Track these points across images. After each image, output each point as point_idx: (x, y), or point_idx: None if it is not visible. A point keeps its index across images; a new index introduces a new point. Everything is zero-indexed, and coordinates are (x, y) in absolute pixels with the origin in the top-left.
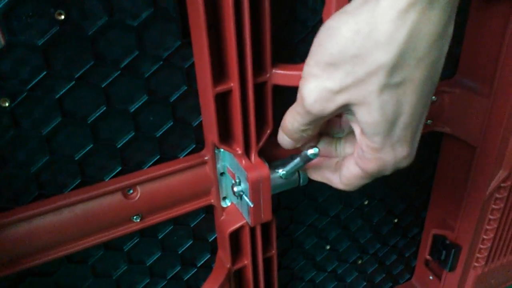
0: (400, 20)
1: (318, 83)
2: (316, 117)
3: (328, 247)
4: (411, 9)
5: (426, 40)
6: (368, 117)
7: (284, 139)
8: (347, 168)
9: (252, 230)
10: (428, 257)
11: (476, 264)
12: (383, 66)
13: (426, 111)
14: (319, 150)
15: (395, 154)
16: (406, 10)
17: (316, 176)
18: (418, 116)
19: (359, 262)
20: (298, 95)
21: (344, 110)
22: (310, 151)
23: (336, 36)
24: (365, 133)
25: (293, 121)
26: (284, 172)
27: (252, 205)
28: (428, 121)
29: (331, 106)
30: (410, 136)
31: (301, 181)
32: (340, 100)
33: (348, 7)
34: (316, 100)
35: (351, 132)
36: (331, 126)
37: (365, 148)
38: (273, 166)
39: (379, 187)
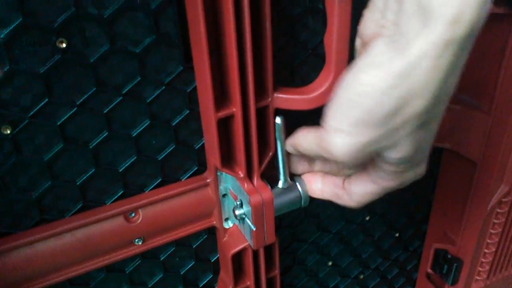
0: (435, 67)
1: (347, 138)
2: (344, 164)
3: (330, 263)
4: (445, 55)
5: (453, 77)
6: (396, 154)
7: (288, 147)
8: (359, 186)
9: (255, 252)
10: (429, 270)
11: (478, 277)
12: (417, 114)
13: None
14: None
15: (415, 172)
16: (441, 58)
17: (324, 194)
18: (434, 138)
19: (361, 277)
20: (324, 144)
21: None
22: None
23: (368, 94)
24: (391, 163)
25: (307, 148)
26: (282, 179)
27: (254, 229)
28: None
29: (361, 156)
30: (427, 155)
31: (302, 202)
32: (370, 150)
33: (374, 58)
34: (346, 154)
35: None
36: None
37: (389, 172)
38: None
39: (380, 202)
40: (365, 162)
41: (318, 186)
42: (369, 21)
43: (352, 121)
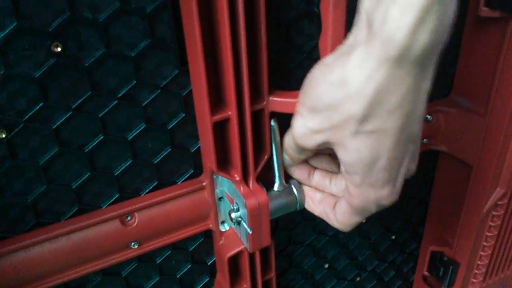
0: (368, 77)
1: (303, 122)
2: (302, 147)
3: (326, 265)
4: (378, 68)
5: (395, 95)
6: (345, 157)
7: (284, 157)
8: (339, 205)
9: (251, 255)
10: (426, 273)
11: (474, 280)
12: (354, 116)
13: (406, 156)
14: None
15: (375, 193)
16: (374, 69)
17: (317, 210)
18: (397, 160)
19: (358, 279)
20: (291, 127)
21: (327, 147)
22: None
23: (315, 85)
24: (346, 171)
25: (288, 143)
26: (277, 182)
27: (250, 232)
28: (424, 139)
29: (312, 142)
30: (389, 178)
31: (298, 205)
32: (318, 138)
33: (328, 59)
34: (300, 136)
35: None
36: (323, 160)
37: (348, 183)
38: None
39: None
40: (320, 148)
41: (314, 202)
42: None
43: (305, 107)
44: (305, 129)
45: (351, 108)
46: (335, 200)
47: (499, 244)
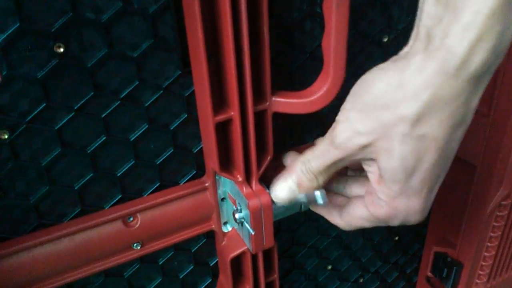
0: (426, 83)
1: (350, 125)
2: (339, 155)
3: (330, 267)
4: (436, 76)
5: (448, 105)
6: (388, 162)
7: (288, 186)
8: (354, 209)
9: (254, 256)
10: (429, 274)
11: (478, 281)
12: (407, 117)
13: (444, 174)
14: (326, 201)
15: (408, 205)
16: (432, 76)
17: (319, 210)
18: (436, 175)
19: (361, 280)
20: (328, 136)
21: (367, 154)
22: (319, 199)
23: (370, 87)
24: (383, 179)
25: (318, 160)
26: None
27: (253, 233)
28: None
29: (357, 144)
30: (426, 192)
31: (302, 206)
32: (364, 139)
33: (382, 65)
34: (345, 138)
35: (362, 175)
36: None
37: (380, 194)
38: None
39: None
40: (351, 160)
41: None
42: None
43: (355, 110)
44: (350, 132)
45: (405, 109)
46: (339, 199)
47: (503, 244)
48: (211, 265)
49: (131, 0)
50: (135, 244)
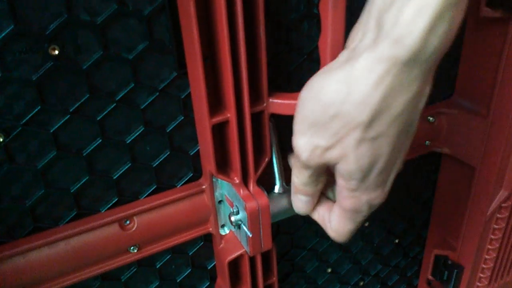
0: (377, 81)
1: (307, 140)
2: (314, 168)
3: (329, 270)
4: (388, 72)
5: (400, 101)
6: (345, 166)
7: (300, 199)
8: (333, 211)
9: (252, 258)
10: (430, 277)
11: (479, 284)
12: (360, 124)
13: (400, 158)
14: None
15: (369, 195)
16: (383, 72)
17: (315, 216)
18: (392, 164)
19: (361, 283)
20: (295, 153)
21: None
22: None
23: (317, 95)
24: (342, 177)
25: (299, 177)
26: (277, 184)
27: (251, 235)
28: (426, 142)
29: (323, 159)
30: (383, 180)
31: None
32: (327, 154)
33: (330, 66)
34: (308, 155)
35: None
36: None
37: (341, 188)
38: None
39: (379, 208)
40: (324, 167)
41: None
42: (352, 32)
43: (306, 122)
44: (312, 147)
45: (357, 116)
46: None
47: (504, 247)
48: (208, 268)
49: (126, 2)
50: (132, 248)
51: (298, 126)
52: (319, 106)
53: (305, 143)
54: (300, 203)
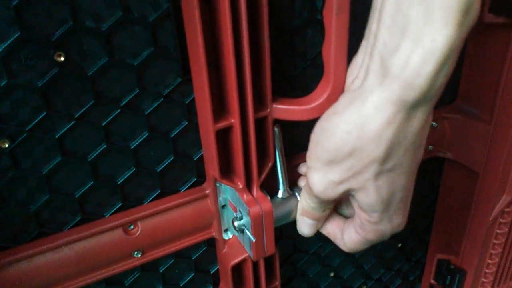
0: (388, 121)
1: (321, 176)
2: (326, 202)
3: (332, 274)
4: (398, 111)
5: (410, 135)
6: (366, 199)
7: (305, 221)
8: (348, 233)
9: (255, 263)
10: (432, 281)
11: None
12: (376, 159)
13: (413, 183)
14: (277, 126)
15: (391, 224)
16: (393, 113)
17: (326, 232)
18: (408, 190)
19: None
20: (307, 183)
21: (346, 193)
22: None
23: (330, 137)
24: (363, 210)
25: (308, 202)
26: (281, 189)
27: (254, 240)
28: (430, 146)
29: (335, 193)
30: (403, 207)
31: None
32: (342, 188)
33: (337, 107)
34: (322, 190)
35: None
36: (342, 207)
37: (364, 221)
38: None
39: None
40: (341, 199)
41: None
42: (351, 69)
43: (321, 160)
44: (326, 183)
45: (372, 152)
46: (343, 222)
47: (506, 252)
48: (212, 272)
49: (131, 9)
50: (135, 252)
51: (312, 163)
52: (333, 146)
53: (319, 178)
54: (305, 225)
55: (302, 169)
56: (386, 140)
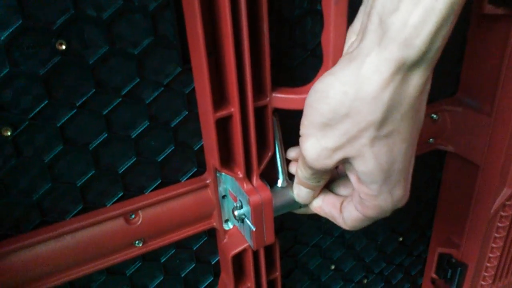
0: (386, 82)
1: (315, 142)
2: (321, 172)
3: (333, 267)
4: (396, 72)
5: (408, 98)
6: (364, 167)
7: (301, 190)
8: (348, 211)
9: (255, 253)
10: (434, 275)
11: (483, 282)
12: (372, 122)
13: (414, 154)
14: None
15: (392, 198)
16: (391, 74)
17: (324, 212)
18: (409, 160)
19: (365, 281)
20: (301, 153)
21: (342, 162)
22: None
23: (325, 98)
24: (362, 182)
25: (302, 172)
26: (280, 178)
27: (254, 229)
28: (430, 139)
29: (330, 162)
30: (404, 179)
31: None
32: (337, 156)
33: (334, 69)
34: (316, 158)
35: (346, 176)
36: (339, 185)
37: (363, 195)
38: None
39: None
40: (337, 178)
41: (318, 203)
42: (350, 31)
43: (314, 125)
44: (320, 150)
45: (368, 115)
46: (339, 201)
47: (508, 245)
48: (212, 263)
49: None
50: (137, 242)
51: (306, 130)
52: (328, 108)
53: (313, 145)
54: (301, 193)
55: (291, 154)
56: (383, 102)
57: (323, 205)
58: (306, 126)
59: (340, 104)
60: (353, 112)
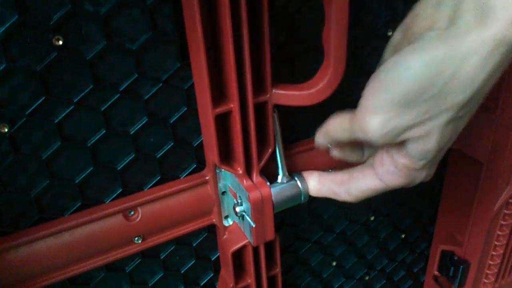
0: (482, 64)
1: (386, 119)
2: (367, 142)
3: (334, 263)
4: (494, 52)
5: (495, 78)
6: (423, 146)
7: (320, 138)
8: (361, 181)
9: (255, 249)
10: (436, 273)
11: (485, 280)
12: (457, 103)
13: None
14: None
15: (429, 172)
16: (490, 53)
17: (323, 192)
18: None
19: (367, 278)
20: (357, 124)
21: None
22: None
23: (416, 76)
24: (411, 156)
25: (339, 132)
26: (280, 174)
27: (254, 225)
28: None
29: (393, 140)
30: (440, 159)
31: (302, 197)
32: (405, 136)
33: (423, 44)
34: (381, 136)
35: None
36: (345, 150)
37: (401, 167)
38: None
39: (385, 202)
40: (390, 144)
41: (314, 184)
42: (420, 15)
43: (393, 102)
44: (390, 128)
45: (457, 96)
46: (339, 177)
47: (511, 243)
48: (212, 259)
49: None
50: (136, 238)
51: (375, 103)
52: (417, 86)
53: (382, 123)
54: (320, 140)
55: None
56: (478, 82)
57: (321, 186)
58: (379, 100)
59: (431, 85)
60: (443, 92)
